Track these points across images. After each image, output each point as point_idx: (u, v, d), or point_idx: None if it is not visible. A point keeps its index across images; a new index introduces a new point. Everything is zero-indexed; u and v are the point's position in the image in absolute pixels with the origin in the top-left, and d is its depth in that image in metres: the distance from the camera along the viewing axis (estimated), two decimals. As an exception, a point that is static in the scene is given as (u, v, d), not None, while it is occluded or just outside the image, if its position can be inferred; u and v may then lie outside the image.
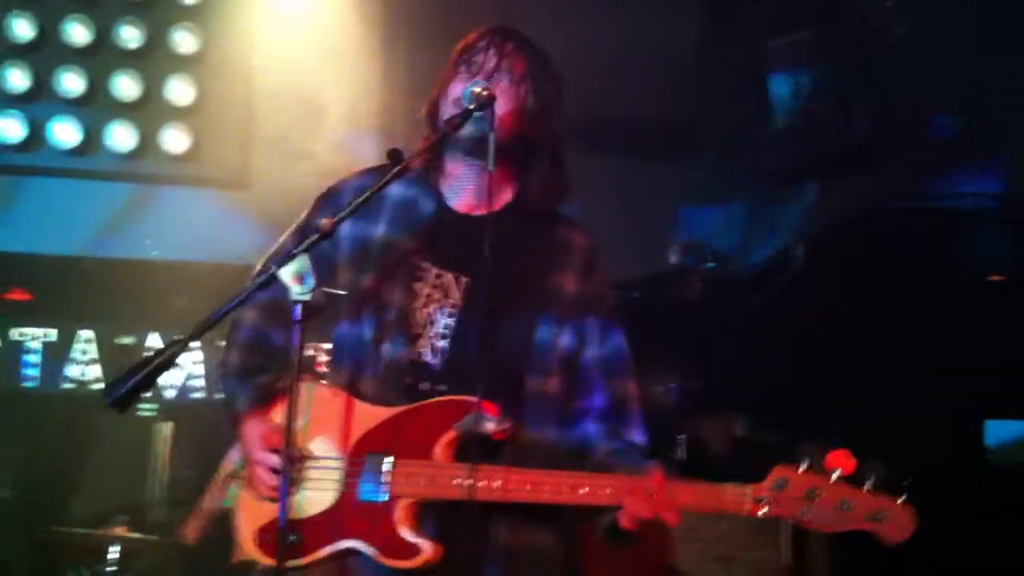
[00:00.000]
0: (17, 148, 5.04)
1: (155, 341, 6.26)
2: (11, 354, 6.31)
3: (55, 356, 6.34)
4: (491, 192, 2.43)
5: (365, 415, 2.48)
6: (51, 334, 6.37)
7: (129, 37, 5.07)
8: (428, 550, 2.38)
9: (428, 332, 2.49)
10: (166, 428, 6.08)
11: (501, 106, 2.47)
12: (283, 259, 2.25)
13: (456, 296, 2.51)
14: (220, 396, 2.67)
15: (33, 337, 6.37)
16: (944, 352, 4.89)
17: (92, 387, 6.27)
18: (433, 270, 2.53)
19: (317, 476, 2.47)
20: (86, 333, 6.36)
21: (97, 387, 6.18)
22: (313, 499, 2.45)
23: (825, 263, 5.19)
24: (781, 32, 4.92)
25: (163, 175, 5.20)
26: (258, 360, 2.60)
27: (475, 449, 2.36)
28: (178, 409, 6.19)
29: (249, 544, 2.51)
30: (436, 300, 2.51)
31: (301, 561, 2.41)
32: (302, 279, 2.23)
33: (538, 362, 2.50)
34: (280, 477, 2.40)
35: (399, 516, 2.40)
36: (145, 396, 5.95)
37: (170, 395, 6.32)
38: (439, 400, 2.45)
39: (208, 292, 2.68)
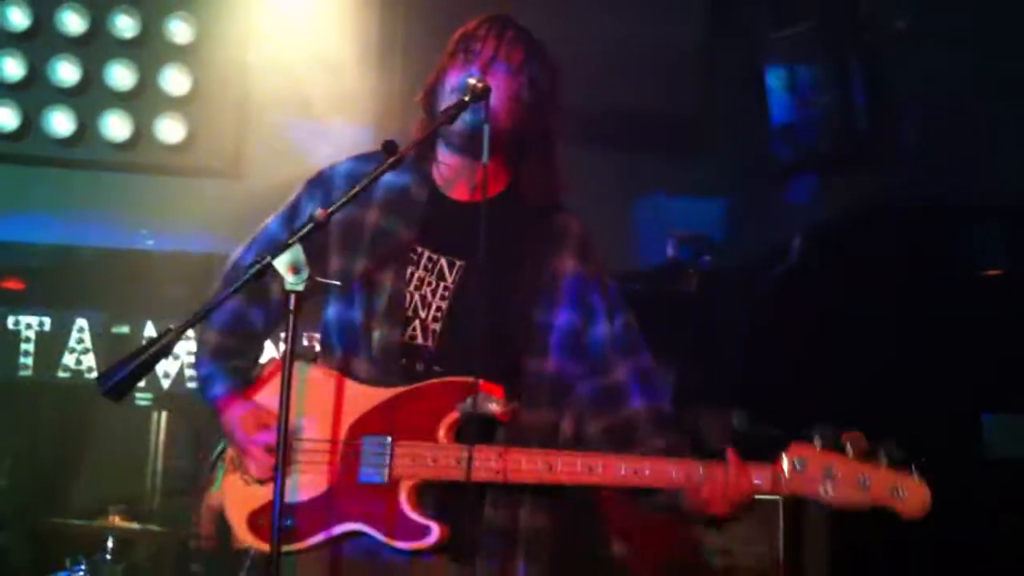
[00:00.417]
0: (11, 137, 5.02)
1: (151, 330, 6.26)
2: (6, 343, 6.30)
3: (50, 345, 6.34)
4: (485, 183, 2.42)
5: (360, 396, 2.46)
6: (45, 323, 6.36)
7: (124, 26, 5.04)
8: (437, 531, 2.36)
9: (421, 315, 2.48)
10: (162, 417, 6.09)
11: (497, 94, 2.45)
12: (277, 249, 2.23)
13: (449, 279, 2.51)
14: (194, 376, 2.65)
15: (28, 326, 6.36)
16: (942, 347, 4.88)
17: (87, 376, 6.26)
18: (426, 254, 2.52)
19: (311, 459, 2.44)
20: (81, 322, 6.35)
21: (92, 376, 6.17)
22: (307, 482, 2.42)
23: (823, 258, 5.18)
24: (781, 26, 4.90)
25: (158, 165, 5.18)
26: (235, 342, 2.58)
27: (475, 430, 2.34)
28: (174, 399, 6.19)
29: (242, 530, 2.48)
30: (429, 283, 2.50)
31: (297, 546, 2.40)
32: (297, 269, 2.21)
33: (535, 342, 2.49)
34: (276, 456, 2.35)
35: (404, 498, 2.38)
36: (140, 386, 5.98)
37: (166, 385, 6.32)
38: (440, 381, 2.43)
39: (203, 282, 2.66)
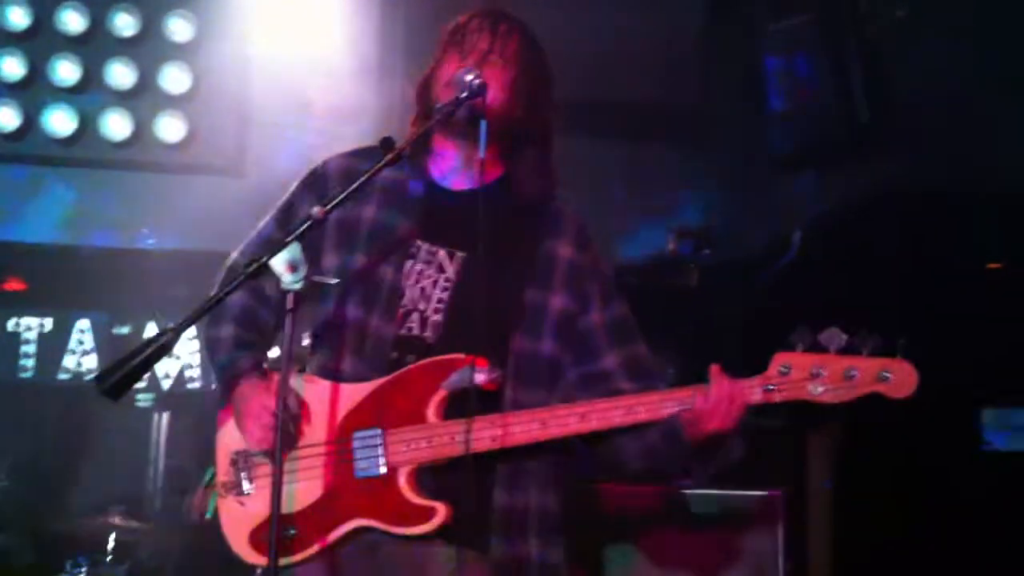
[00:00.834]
0: (11, 137, 5.03)
1: (153, 330, 6.25)
2: (7, 345, 6.30)
3: (51, 347, 6.34)
4: (481, 176, 2.43)
5: (348, 395, 2.47)
6: (47, 324, 6.35)
7: (123, 25, 5.06)
8: (443, 511, 2.36)
9: (421, 307, 2.49)
10: (163, 418, 6.09)
11: (492, 88, 2.46)
12: (275, 248, 2.23)
13: (450, 271, 2.51)
14: (214, 368, 2.63)
15: (29, 327, 6.36)
16: (941, 340, 4.87)
17: (89, 377, 6.26)
18: (424, 246, 2.53)
19: (305, 465, 2.45)
20: (82, 323, 6.35)
21: (94, 376, 6.15)
22: (305, 489, 2.43)
23: (824, 250, 5.18)
24: (780, 17, 4.89)
25: (158, 163, 5.20)
26: (251, 335, 2.58)
27: (467, 406, 2.35)
28: (175, 399, 6.18)
29: (246, 550, 2.48)
30: (429, 276, 2.51)
31: (306, 552, 2.41)
32: (294, 268, 2.21)
33: (529, 323, 2.50)
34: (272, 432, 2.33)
35: (404, 484, 2.38)
36: (141, 386, 5.99)
37: (167, 385, 6.32)
38: (419, 364, 2.43)
39: (205, 281, 2.66)
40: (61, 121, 5.04)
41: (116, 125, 5.07)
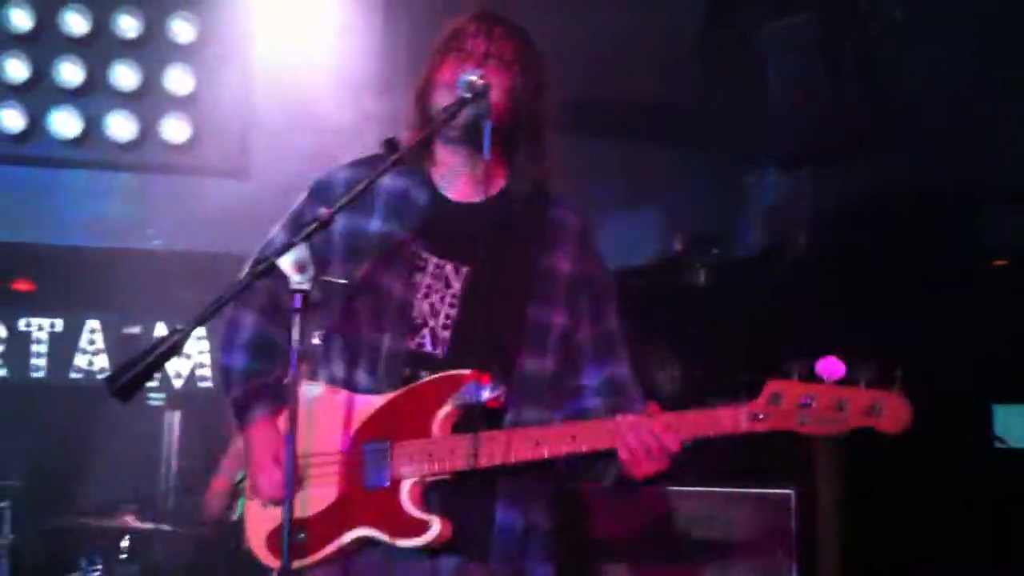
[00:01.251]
0: (17, 139, 5.04)
1: (162, 330, 6.27)
2: (18, 345, 6.32)
3: (62, 347, 6.36)
4: (487, 180, 2.42)
5: (362, 406, 2.49)
6: (57, 324, 6.38)
7: (127, 26, 5.05)
8: (438, 525, 2.39)
9: (431, 323, 2.49)
10: (174, 417, 6.11)
11: (493, 91, 2.45)
12: (282, 248, 2.24)
13: (456, 286, 2.51)
14: (227, 398, 2.63)
15: (40, 327, 6.38)
16: (950, 338, 4.86)
17: (100, 377, 6.28)
18: (432, 260, 2.53)
19: (319, 473, 2.48)
20: (92, 323, 6.38)
21: (104, 377, 6.17)
22: (318, 496, 2.46)
23: (827, 249, 5.17)
24: (779, 16, 4.88)
25: (163, 165, 5.20)
26: (264, 363, 2.60)
27: (473, 421, 2.37)
28: (186, 398, 6.21)
29: (263, 552, 2.52)
30: (437, 290, 2.51)
31: (312, 558, 2.43)
32: (302, 268, 2.22)
33: (535, 342, 2.51)
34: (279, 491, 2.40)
35: (405, 496, 2.41)
36: (152, 385, 6.01)
37: (178, 384, 6.34)
38: (429, 379, 2.46)
39: (213, 281, 2.67)
40: (66, 123, 5.04)
41: (120, 127, 5.07)
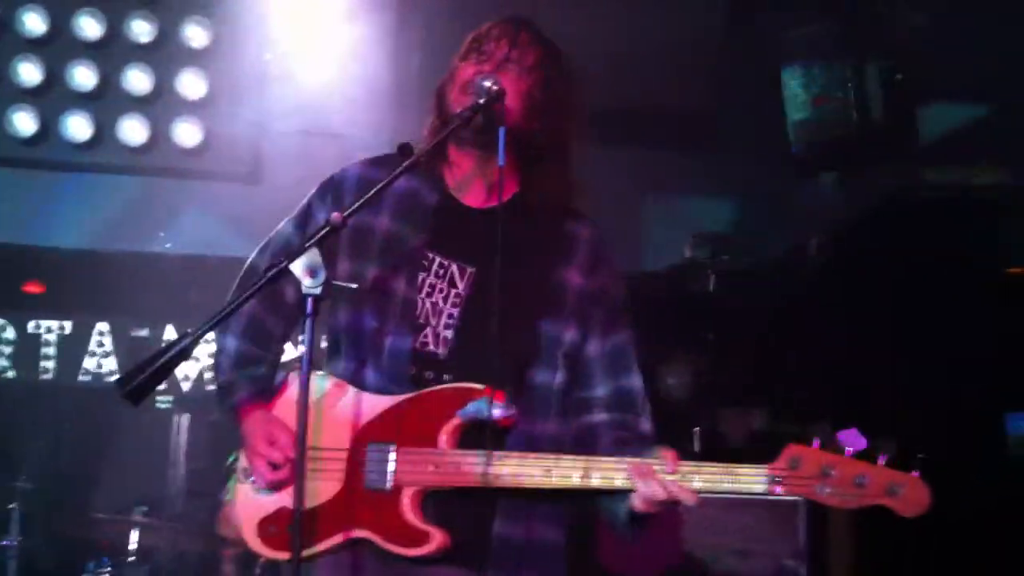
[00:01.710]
0: (29, 142, 5.05)
1: (171, 333, 6.28)
2: (28, 347, 6.34)
3: (71, 348, 6.37)
4: (500, 186, 2.40)
5: (368, 405, 2.47)
6: (67, 327, 6.39)
7: (140, 31, 5.07)
8: (438, 537, 2.36)
9: (433, 322, 2.48)
10: (183, 420, 6.11)
11: (509, 93, 2.43)
12: (294, 252, 2.23)
13: (460, 286, 2.50)
14: (215, 386, 2.64)
15: (49, 330, 6.39)
16: (963, 345, 4.84)
17: (109, 379, 6.29)
18: (437, 260, 2.51)
19: (321, 467, 2.45)
20: (102, 326, 6.39)
21: (114, 379, 6.19)
22: (317, 490, 2.43)
23: (842, 256, 5.15)
24: (798, 23, 4.87)
25: (175, 168, 5.21)
26: (255, 350, 2.58)
27: (480, 436, 2.35)
28: (195, 401, 6.21)
29: (252, 538, 2.49)
30: (441, 290, 2.49)
31: (305, 553, 2.36)
32: (314, 273, 2.21)
33: (546, 356, 2.49)
34: (277, 473, 2.42)
35: (406, 504, 2.38)
36: (160, 388, 6.01)
37: (186, 387, 6.34)
38: (442, 388, 2.43)
39: (222, 285, 2.66)
40: (78, 126, 5.05)
41: (132, 130, 5.08)
